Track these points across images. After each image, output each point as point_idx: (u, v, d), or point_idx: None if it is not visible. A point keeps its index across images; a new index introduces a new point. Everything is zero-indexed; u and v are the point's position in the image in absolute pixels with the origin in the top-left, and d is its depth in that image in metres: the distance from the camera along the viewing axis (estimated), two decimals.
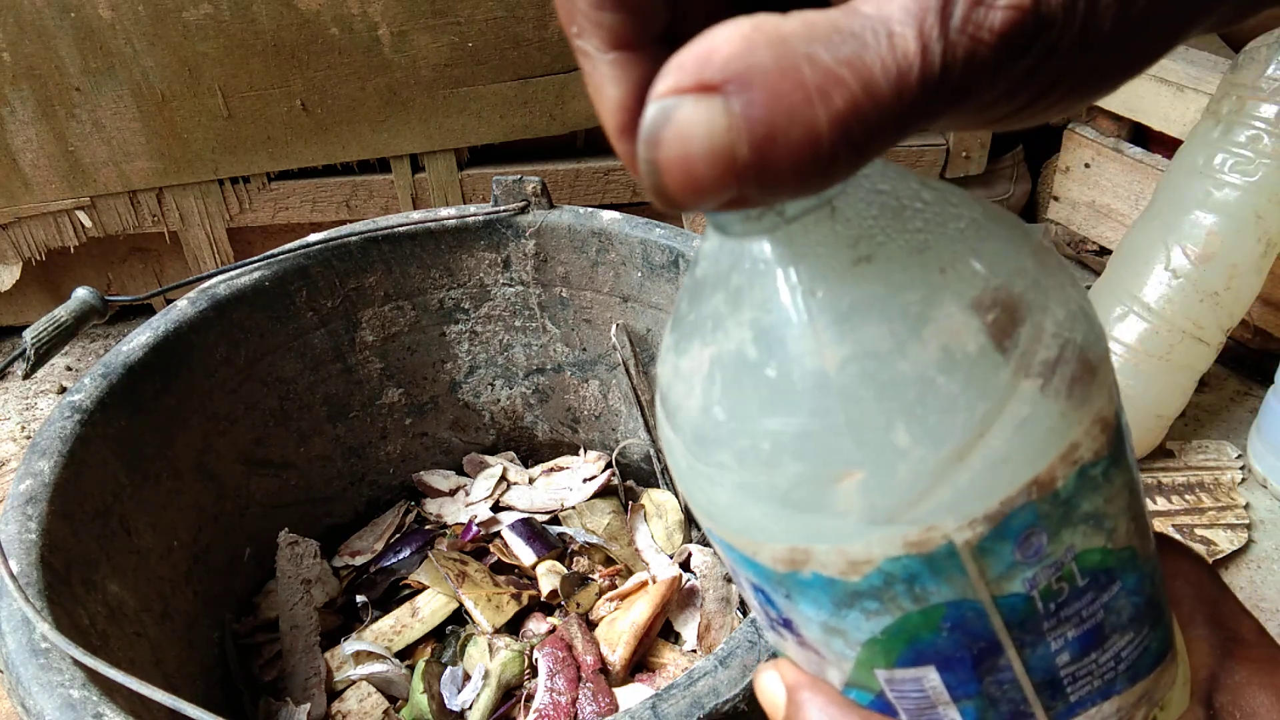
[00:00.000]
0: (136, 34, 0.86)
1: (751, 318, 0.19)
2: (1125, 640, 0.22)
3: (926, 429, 0.18)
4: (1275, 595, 0.72)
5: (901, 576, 0.19)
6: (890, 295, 0.18)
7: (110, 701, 0.38)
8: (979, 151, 1.04)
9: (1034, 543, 0.19)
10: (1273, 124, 0.72)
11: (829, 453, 0.18)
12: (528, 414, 0.78)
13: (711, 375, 0.20)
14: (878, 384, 0.18)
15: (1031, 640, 0.20)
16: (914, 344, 0.18)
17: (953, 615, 0.20)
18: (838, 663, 0.22)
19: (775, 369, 0.19)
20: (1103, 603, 0.21)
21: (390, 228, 0.67)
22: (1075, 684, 0.21)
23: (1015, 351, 0.18)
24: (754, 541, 0.20)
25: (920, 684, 0.21)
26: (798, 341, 0.18)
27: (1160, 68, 0.90)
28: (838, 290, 0.18)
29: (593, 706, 0.57)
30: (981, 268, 0.18)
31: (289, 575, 0.65)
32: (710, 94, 0.15)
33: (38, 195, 0.93)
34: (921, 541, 0.19)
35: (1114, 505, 0.20)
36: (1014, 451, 0.18)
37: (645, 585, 0.65)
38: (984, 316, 0.18)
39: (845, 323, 0.18)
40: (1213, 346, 0.78)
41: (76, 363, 1.03)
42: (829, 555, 0.19)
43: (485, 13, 0.88)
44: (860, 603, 0.20)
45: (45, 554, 0.45)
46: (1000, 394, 0.18)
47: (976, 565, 0.19)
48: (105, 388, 0.54)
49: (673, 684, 0.39)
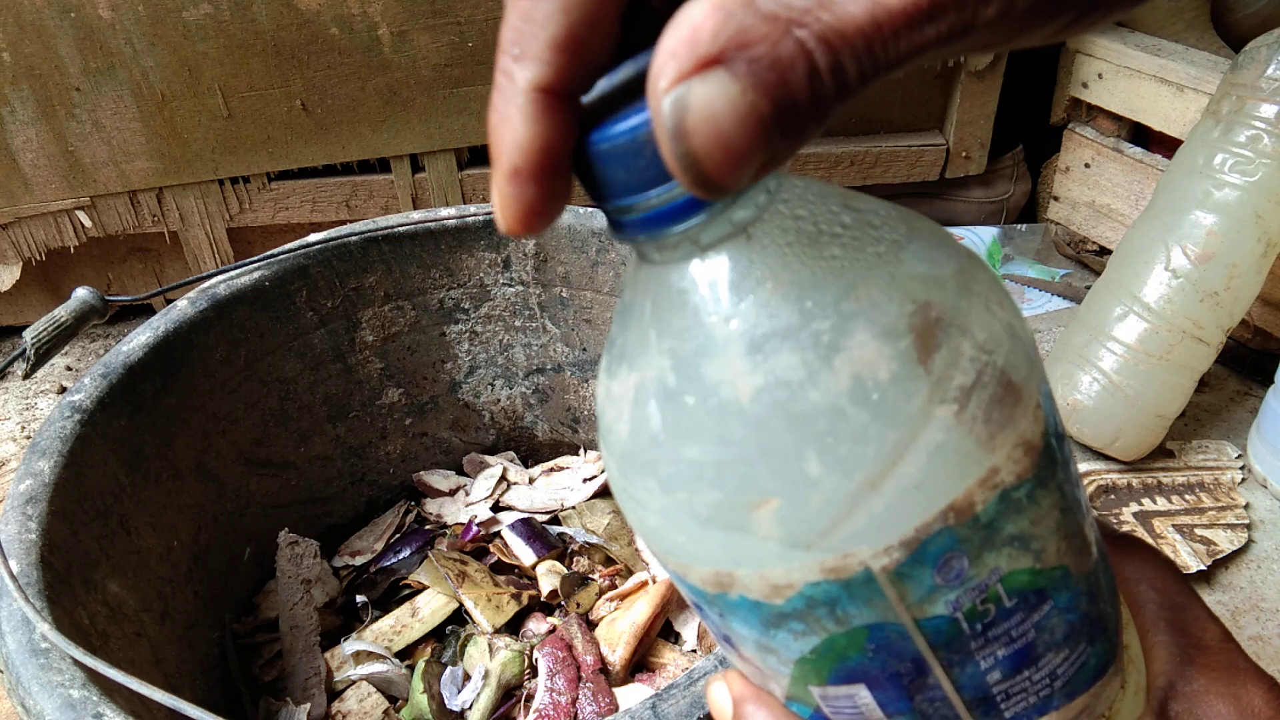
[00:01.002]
0: (136, 34, 0.86)
1: (670, 346, 0.19)
2: (1060, 657, 0.21)
3: (838, 458, 0.18)
4: (1275, 595, 0.72)
5: (823, 600, 0.19)
6: (802, 324, 0.18)
7: (110, 701, 0.38)
8: (979, 151, 1.04)
9: (954, 566, 0.19)
10: (1273, 124, 0.72)
11: (745, 481, 0.18)
12: (528, 414, 0.78)
13: (636, 400, 0.20)
14: (789, 414, 0.18)
15: (959, 660, 0.20)
16: (825, 373, 0.18)
17: (876, 637, 0.20)
18: (776, 677, 0.22)
19: (693, 397, 0.19)
20: (1033, 622, 0.21)
21: (390, 228, 0.67)
22: (1009, 700, 0.21)
23: (930, 378, 0.18)
24: (683, 564, 0.21)
25: (853, 701, 0.21)
26: (713, 370, 0.18)
27: (1160, 68, 0.90)
28: (751, 318, 0.18)
29: (593, 706, 0.57)
30: (897, 292, 0.18)
31: (289, 575, 0.65)
32: (714, 68, 0.15)
33: (38, 195, 0.93)
34: (838, 568, 0.19)
35: (1041, 526, 0.20)
36: (928, 479, 0.18)
37: (645, 585, 0.65)
38: (897, 343, 0.18)
39: (759, 352, 0.18)
40: (1213, 346, 0.78)
41: (76, 363, 1.03)
42: (752, 579, 0.20)
43: (485, 13, 0.88)
44: (787, 624, 0.20)
45: (45, 554, 0.45)
46: (913, 422, 0.18)
47: (895, 590, 0.19)
48: (105, 388, 0.54)
49: (673, 684, 0.39)
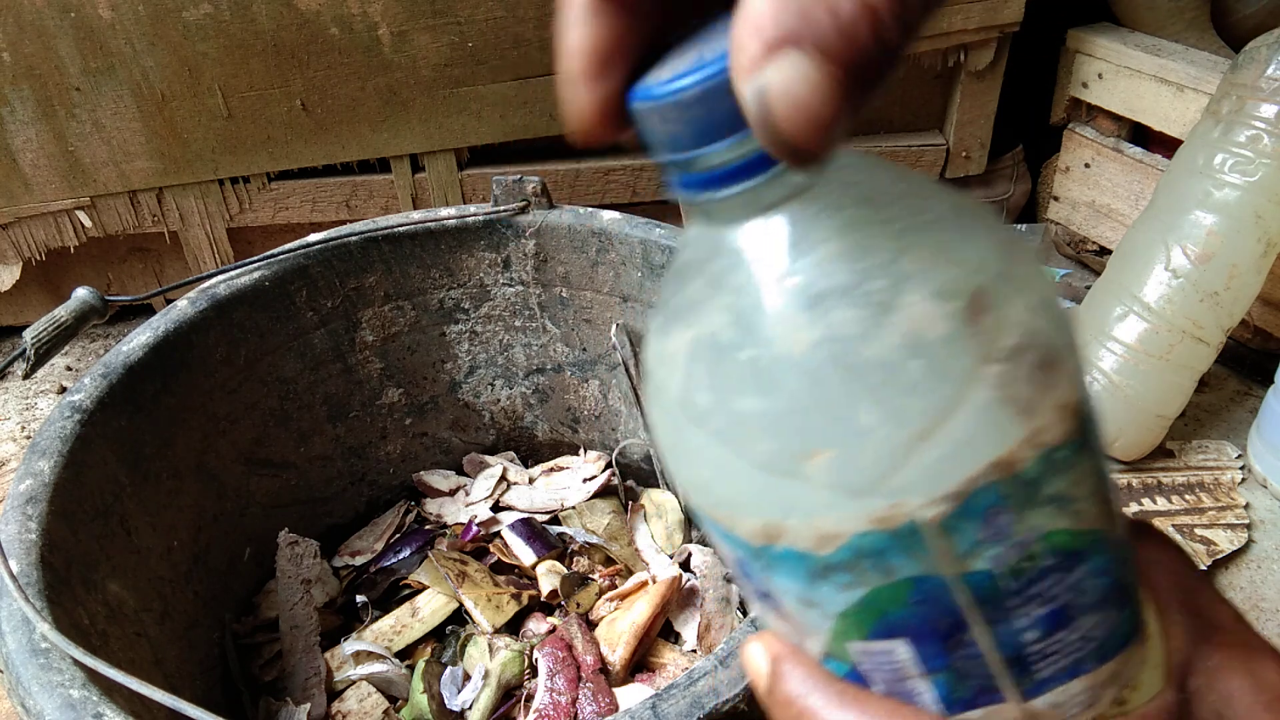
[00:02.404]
0: (136, 34, 0.86)
1: (729, 302, 0.20)
2: (1093, 620, 0.22)
3: (891, 410, 0.19)
4: (1275, 595, 0.72)
5: (870, 551, 0.20)
6: (860, 282, 0.19)
7: (110, 701, 0.38)
8: (979, 151, 1.04)
9: (999, 521, 0.20)
10: (1273, 124, 0.72)
11: (800, 430, 0.19)
12: (528, 414, 0.78)
13: (692, 356, 0.21)
14: (845, 367, 0.19)
15: (998, 617, 0.21)
16: (880, 329, 0.19)
17: (920, 590, 0.21)
18: (815, 634, 0.23)
19: (750, 351, 0.20)
20: (1070, 583, 0.21)
21: (390, 228, 0.67)
22: (1043, 661, 0.22)
23: (980, 338, 0.19)
24: (732, 515, 0.21)
25: (892, 656, 0.22)
26: (772, 325, 0.19)
27: (1160, 68, 0.90)
28: (810, 276, 0.19)
29: (593, 706, 0.57)
30: (950, 257, 0.19)
31: (289, 575, 0.65)
32: (783, 49, 0.16)
33: (38, 195, 0.93)
34: (887, 518, 0.20)
35: (1080, 488, 0.21)
36: (977, 433, 0.19)
37: (645, 585, 0.65)
38: (950, 304, 0.19)
39: (817, 308, 0.19)
40: (1213, 346, 0.78)
41: (76, 363, 1.03)
42: (801, 529, 0.20)
43: (485, 13, 0.88)
44: (832, 576, 0.21)
45: (45, 554, 0.45)
46: (963, 378, 0.19)
47: (941, 542, 0.20)
48: (105, 388, 0.54)
49: (673, 684, 0.39)
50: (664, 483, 0.73)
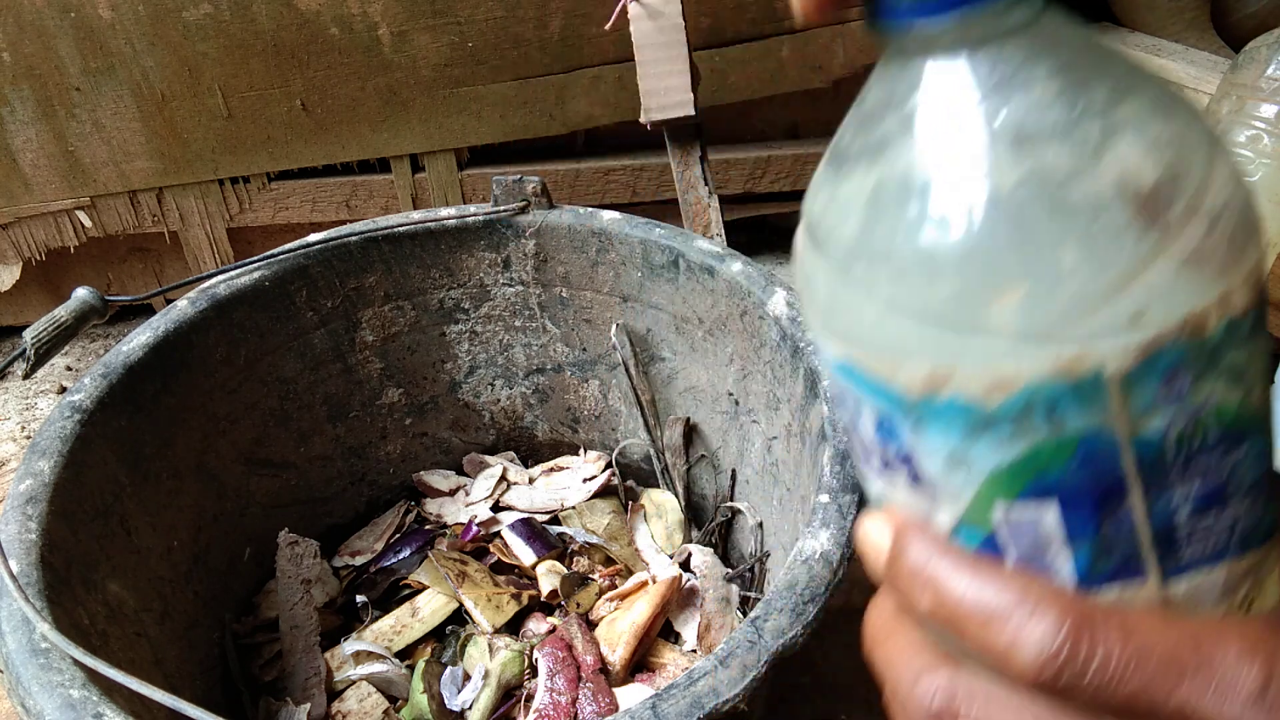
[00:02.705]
0: (136, 34, 0.86)
1: (926, 138, 0.20)
2: (1243, 507, 0.22)
3: (1095, 252, 0.19)
4: None
5: (1043, 402, 0.20)
6: (1073, 123, 0.19)
7: (110, 701, 0.38)
8: None
9: (1178, 383, 0.20)
10: (1273, 124, 0.72)
11: (993, 268, 0.19)
12: (528, 414, 0.78)
13: (875, 196, 0.21)
14: (1052, 205, 0.19)
15: (1158, 486, 0.21)
16: (1092, 171, 0.19)
17: (1086, 448, 0.20)
18: (954, 500, 0.22)
19: (947, 186, 0.20)
20: (1230, 462, 0.21)
21: (390, 228, 0.67)
22: (1190, 541, 0.22)
23: (1186, 193, 0.19)
24: (894, 362, 0.21)
25: (1039, 521, 0.21)
26: (975, 161, 0.19)
27: (1160, 68, 0.90)
28: (1021, 114, 0.19)
29: (593, 706, 0.57)
30: (1160, 112, 0.20)
31: (289, 575, 0.65)
32: None
33: (38, 195, 0.93)
34: (1071, 366, 0.19)
35: (1252, 365, 0.21)
36: (1174, 288, 0.19)
37: (645, 585, 0.65)
38: (1162, 154, 0.19)
39: (1027, 143, 0.19)
40: None
41: (76, 363, 1.03)
42: (973, 375, 0.20)
43: (485, 13, 0.88)
44: (994, 429, 0.20)
45: (45, 554, 0.45)
46: (1169, 230, 0.19)
47: (1120, 396, 0.20)
48: (105, 388, 0.54)
49: (673, 684, 0.39)
50: (664, 483, 0.73)
